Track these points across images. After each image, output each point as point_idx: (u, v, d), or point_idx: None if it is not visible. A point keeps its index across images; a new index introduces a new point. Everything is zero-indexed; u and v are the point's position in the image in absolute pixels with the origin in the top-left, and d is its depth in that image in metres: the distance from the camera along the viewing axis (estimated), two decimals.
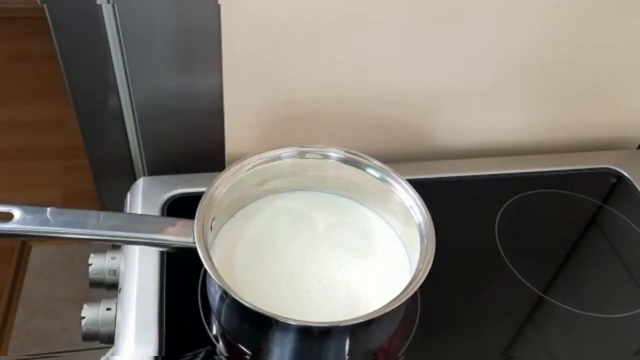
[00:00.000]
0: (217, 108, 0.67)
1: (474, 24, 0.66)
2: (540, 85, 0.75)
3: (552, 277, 0.65)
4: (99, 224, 0.52)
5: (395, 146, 0.78)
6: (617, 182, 0.77)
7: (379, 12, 0.63)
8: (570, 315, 0.62)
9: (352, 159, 0.62)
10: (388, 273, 0.59)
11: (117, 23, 0.59)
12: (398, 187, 0.60)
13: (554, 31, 0.69)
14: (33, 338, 1.40)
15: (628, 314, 0.62)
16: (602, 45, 0.71)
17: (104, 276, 0.63)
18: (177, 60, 0.64)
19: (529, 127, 0.80)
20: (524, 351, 0.59)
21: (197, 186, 0.68)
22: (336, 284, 0.57)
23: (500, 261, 0.66)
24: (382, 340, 0.57)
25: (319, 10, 0.61)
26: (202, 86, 0.66)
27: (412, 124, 0.76)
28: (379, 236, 0.62)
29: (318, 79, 0.68)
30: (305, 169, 0.63)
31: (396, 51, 0.67)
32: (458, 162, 0.77)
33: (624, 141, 0.85)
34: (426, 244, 0.54)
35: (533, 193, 0.74)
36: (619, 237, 0.71)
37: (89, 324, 0.59)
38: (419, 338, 0.58)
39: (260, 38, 0.62)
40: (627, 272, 0.67)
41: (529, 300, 0.63)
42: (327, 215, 0.64)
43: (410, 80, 0.70)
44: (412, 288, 0.50)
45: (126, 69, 0.63)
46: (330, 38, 0.64)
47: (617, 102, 0.79)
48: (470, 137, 0.79)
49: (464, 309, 0.62)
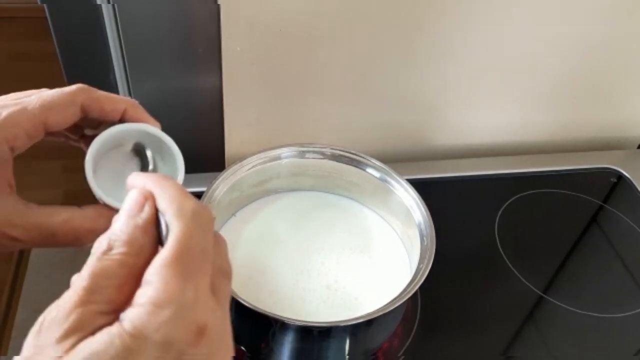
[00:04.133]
0: (217, 108, 0.67)
1: (474, 24, 0.66)
2: (540, 85, 0.75)
3: (552, 277, 0.65)
4: None
5: (395, 146, 0.78)
6: (617, 182, 0.77)
7: (379, 12, 0.63)
8: (570, 315, 0.62)
9: (352, 159, 0.62)
10: (388, 273, 0.59)
11: (117, 23, 0.59)
12: (398, 187, 0.60)
13: (554, 32, 0.69)
14: None
15: (628, 314, 0.62)
16: (602, 45, 0.71)
17: None
18: (177, 60, 0.64)
19: (529, 127, 0.80)
20: (524, 351, 0.59)
21: (197, 186, 0.67)
22: (336, 284, 0.57)
23: (500, 261, 0.66)
24: (382, 340, 0.57)
25: (319, 10, 0.61)
26: (202, 86, 0.66)
27: (412, 124, 0.76)
28: (379, 236, 0.62)
29: (318, 79, 0.68)
30: (305, 169, 0.63)
31: (396, 51, 0.67)
32: (458, 162, 0.77)
33: (624, 141, 0.85)
34: (426, 244, 0.54)
35: (533, 193, 0.74)
36: (619, 237, 0.71)
37: None
38: (419, 338, 0.58)
39: (260, 38, 0.62)
40: (627, 272, 0.67)
41: (529, 300, 0.63)
42: (327, 215, 0.64)
43: (410, 80, 0.70)
44: (412, 288, 0.50)
45: (126, 69, 0.63)
46: (330, 38, 0.64)
47: (617, 102, 0.79)
48: (470, 137, 0.79)
49: (464, 309, 0.62)
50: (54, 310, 0.25)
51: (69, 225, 0.34)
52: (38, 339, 0.24)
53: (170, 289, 0.24)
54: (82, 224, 0.35)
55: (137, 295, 0.25)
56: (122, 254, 0.26)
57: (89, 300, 0.24)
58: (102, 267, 0.25)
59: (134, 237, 0.26)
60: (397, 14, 0.63)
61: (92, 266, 0.25)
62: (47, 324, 0.24)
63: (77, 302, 0.24)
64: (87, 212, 0.35)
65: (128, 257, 0.26)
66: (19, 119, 0.33)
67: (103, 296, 0.25)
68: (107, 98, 0.36)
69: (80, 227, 0.35)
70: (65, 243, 0.35)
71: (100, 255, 0.26)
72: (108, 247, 0.26)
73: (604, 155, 0.80)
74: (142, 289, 0.25)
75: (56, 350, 0.23)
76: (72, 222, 0.34)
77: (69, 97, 0.35)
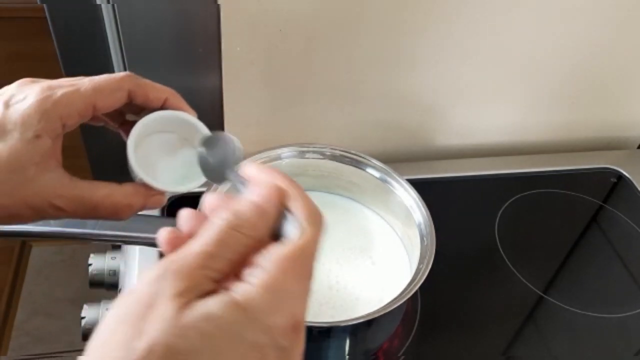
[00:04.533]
0: (217, 108, 0.67)
1: (475, 25, 0.66)
2: (540, 86, 0.75)
3: (552, 277, 0.65)
4: (99, 224, 0.52)
5: (395, 146, 0.78)
6: (617, 182, 0.77)
7: (379, 12, 0.63)
8: (570, 315, 0.62)
9: (352, 159, 0.62)
10: (388, 273, 0.59)
11: (117, 23, 0.59)
12: (398, 187, 0.60)
13: (554, 32, 0.69)
14: (33, 338, 1.39)
15: (628, 314, 0.62)
16: (602, 45, 0.71)
17: (104, 276, 0.63)
18: (177, 60, 0.64)
19: (529, 127, 0.80)
20: (524, 351, 0.59)
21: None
22: (336, 284, 0.57)
23: (500, 261, 0.66)
24: (382, 340, 0.57)
25: (319, 10, 0.61)
26: (202, 86, 0.66)
27: (412, 124, 0.76)
28: (379, 236, 0.62)
29: (318, 79, 0.68)
30: (305, 169, 0.63)
31: (396, 51, 0.67)
32: (458, 162, 0.77)
33: (624, 141, 0.85)
34: (426, 244, 0.54)
35: (533, 193, 0.74)
36: (619, 237, 0.71)
37: (89, 324, 0.59)
38: (419, 338, 0.58)
39: (260, 38, 0.62)
40: (627, 272, 0.67)
41: (529, 300, 0.63)
42: (327, 215, 0.64)
43: (411, 80, 0.70)
44: (412, 288, 0.50)
45: (126, 68, 0.63)
46: (330, 38, 0.64)
47: (617, 102, 0.79)
48: (470, 137, 0.79)
49: (464, 309, 0.62)
50: (176, 263, 0.26)
51: (109, 200, 0.37)
52: (156, 287, 0.25)
53: (285, 281, 0.26)
54: (121, 200, 0.37)
55: (248, 274, 0.27)
56: (249, 236, 0.28)
57: (208, 265, 0.26)
58: (230, 238, 0.27)
59: (261, 225, 0.29)
60: (397, 14, 0.63)
61: (222, 234, 0.27)
62: (170, 275, 0.26)
63: (199, 265, 0.26)
64: (126, 188, 0.38)
65: (252, 241, 0.28)
66: (73, 98, 0.36)
67: (219, 265, 0.27)
68: (151, 86, 0.39)
69: (119, 202, 0.37)
70: (105, 216, 0.37)
71: (231, 228, 0.28)
72: (239, 224, 0.28)
73: (604, 155, 0.80)
74: (255, 271, 0.27)
75: (172, 304, 0.25)
76: (113, 197, 0.37)
77: (118, 82, 0.37)
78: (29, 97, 0.35)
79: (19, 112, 0.34)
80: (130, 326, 0.24)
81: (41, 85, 0.36)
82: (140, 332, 0.24)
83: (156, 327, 0.24)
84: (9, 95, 0.35)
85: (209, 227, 0.28)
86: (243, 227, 0.28)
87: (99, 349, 0.25)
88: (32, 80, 0.37)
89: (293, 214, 0.29)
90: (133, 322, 0.24)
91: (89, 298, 0.62)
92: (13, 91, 0.36)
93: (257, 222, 0.29)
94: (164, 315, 0.24)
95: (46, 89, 0.35)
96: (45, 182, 0.35)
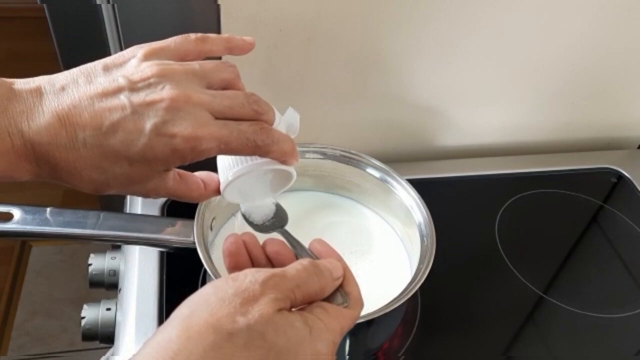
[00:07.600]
0: None
1: (475, 25, 0.66)
2: (540, 86, 0.75)
3: (552, 277, 0.65)
4: (99, 224, 0.52)
5: (395, 146, 0.78)
6: (617, 182, 0.77)
7: (379, 12, 0.63)
8: (570, 315, 0.62)
9: (352, 159, 0.62)
10: (388, 273, 0.59)
11: (117, 23, 0.59)
12: (398, 187, 0.60)
13: (555, 32, 0.69)
14: (33, 338, 1.39)
15: (628, 314, 0.62)
16: (602, 45, 0.71)
17: (104, 276, 0.63)
18: None
19: (529, 127, 0.80)
20: (524, 351, 0.59)
21: None
22: None
23: (500, 261, 0.66)
24: (383, 340, 0.57)
25: (319, 10, 0.61)
26: None
27: (412, 124, 0.76)
28: (379, 236, 0.62)
29: (318, 79, 0.68)
30: (305, 169, 0.63)
31: (396, 51, 0.67)
32: (458, 162, 0.77)
33: (624, 141, 0.85)
34: (426, 244, 0.54)
35: (533, 193, 0.74)
36: (619, 237, 0.71)
37: (89, 324, 0.59)
38: (419, 338, 0.58)
39: (260, 38, 0.62)
40: (627, 272, 0.67)
41: (529, 300, 0.63)
42: (327, 215, 0.64)
43: (411, 80, 0.70)
44: (412, 288, 0.50)
45: None
46: (330, 38, 0.64)
47: (617, 102, 0.79)
48: (470, 137, 0.79)
49: (464, 309, 0.62)
50: (278, 278, 0.34)
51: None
52: (261, 288, 0.33)
53: (337, 328, 0.36)
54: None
55: (315, 307, 0.36)
56: (320, 288, 0.37)
57: (294, 291, 0.35)
58: (311, 281, 0.36)
59: (330, 286, 0.38)
60: (397, 14, 0.63)
61: (308, 276, 0.36)
62: (272, 283, 0.34)
63: (291, 288, 0.35)
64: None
65: (320, 292, 0.37)
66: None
67: (300, 295, 0.35)
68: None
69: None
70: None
71: (315, 275, 0.36)
72: (320, 275, 0.37)
73: (604, 155, 0.80)
74: (319, 310, 0.36)
75: (272, 305, 0.33)
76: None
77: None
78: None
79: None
80: (237, 304, 0.32)
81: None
82: (245, 312, 0.32)
83: (256, 315, 0.32)
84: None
85: (299, 266, 0.36)
86: (322, 279, 0.37)
87: (201, 306, 0.32)
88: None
89: (345, 288, 0.38)
90: (239, 303, 0.32)
91: (89, 298, 0.62)
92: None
93: (328, 282, 0.37)
94: (264, 309, 0.32)
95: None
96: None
